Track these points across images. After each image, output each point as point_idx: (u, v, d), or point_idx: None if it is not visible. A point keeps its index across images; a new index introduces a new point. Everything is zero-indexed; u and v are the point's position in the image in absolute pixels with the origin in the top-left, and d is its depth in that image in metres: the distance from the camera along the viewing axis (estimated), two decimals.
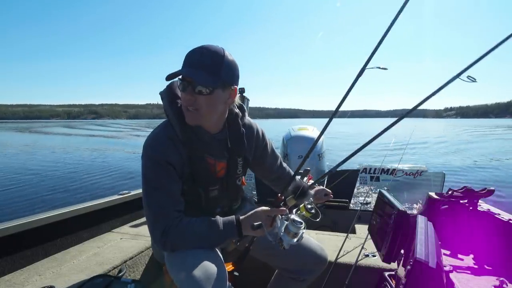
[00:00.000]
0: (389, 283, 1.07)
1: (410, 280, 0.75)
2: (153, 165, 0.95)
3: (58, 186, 7.40)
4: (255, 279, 1.49)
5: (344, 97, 1.07)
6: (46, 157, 13.13)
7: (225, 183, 1.10)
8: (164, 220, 0.93)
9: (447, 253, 1.61)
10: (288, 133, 3.20)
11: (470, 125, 61.05)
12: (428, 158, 12.69)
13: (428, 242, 0.81)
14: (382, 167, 3.37)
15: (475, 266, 1.44)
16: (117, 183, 7.85)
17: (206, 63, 0.90)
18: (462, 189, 1.86)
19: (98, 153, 14.66)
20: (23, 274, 1.29)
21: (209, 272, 0.86)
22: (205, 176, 1.04)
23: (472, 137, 26.29)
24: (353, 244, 1.64)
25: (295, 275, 1.25)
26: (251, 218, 0.96)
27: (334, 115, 1.09)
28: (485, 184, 1.95)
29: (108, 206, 1.90)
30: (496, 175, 8.95)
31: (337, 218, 2.65)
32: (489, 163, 11.41)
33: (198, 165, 1.01)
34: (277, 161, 1.30)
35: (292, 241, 0.93)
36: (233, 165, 1.10)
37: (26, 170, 9.56)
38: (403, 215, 0.97)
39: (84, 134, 32.53)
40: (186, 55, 0.93)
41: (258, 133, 1.19)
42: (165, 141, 0.97)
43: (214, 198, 1.09)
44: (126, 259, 1.47)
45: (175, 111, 0.98)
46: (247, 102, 2.78)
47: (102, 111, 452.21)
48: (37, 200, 6.21)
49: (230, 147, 1.08)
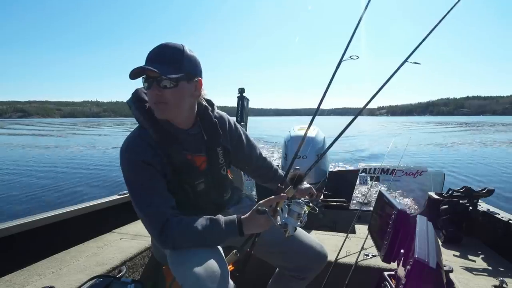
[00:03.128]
0: (389, 283, 1.07)
1: (410, 280, 0.75)
2: (133, 168, 0.96)
3: (56, 187, 7.40)
4: (255, 278, 1.49)
5: (323, 95, 1.22)
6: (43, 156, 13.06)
7: (209, 175, 1.11)
8: (158, 218, 0.93)
9: (447, 253, 1.61)
10: (288, 133, 3.20)
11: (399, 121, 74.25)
12: (428, 158, 12.71)
13: (428, 242, 0.81)
14: (382, 167, 3.37)
15: (475, 266, 1.44)
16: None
17: (168, 57, 0.93)
18: (462, 189, 1.86)
19: None
20: (23, 274, 1.29)
21: (211, 271, 0.86)
22: (188, 172, 1.05)
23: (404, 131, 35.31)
24: (353, 244, 1.64)
25: (295, 273, 1.25)
26: (253, 217, 0.96)
27: (316, 113, 1.22)
28: (485, 184, 1.95)
29: (108, 206, 1.90)
30: (496, 175, 8.96)
31: (337, 218, 2.65)
32: (490, 163, 11.42)
33: (178, 162, 1.02)
34: (256, 151, 1.33)
35: (297, 223, 0.93)
36: (213, 156, 1.11)
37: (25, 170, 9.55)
38: (403, 215, 0.97)
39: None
40: (148, 54, 0.95)
41: (230, 123, 1.22)
42: (140, 143, 0.98)
43: (202, 192, 1.09)
44: (126, 259, 1.47)
45: (145, 114, 1.00)
46: (247, 102, 2.78)
47: (30, 109, 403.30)
48: (37, 200, 6.21)
49: (207, 139, 1.09)
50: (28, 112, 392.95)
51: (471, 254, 1.57)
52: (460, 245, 1.70)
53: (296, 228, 0.96)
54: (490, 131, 30.98)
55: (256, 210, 0.94)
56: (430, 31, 1.19)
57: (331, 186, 3.03)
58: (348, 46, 1.22)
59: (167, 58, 0.93)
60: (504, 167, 10.15)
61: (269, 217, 0.93)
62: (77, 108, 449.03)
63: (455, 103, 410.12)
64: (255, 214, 0.95)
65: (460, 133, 30.01)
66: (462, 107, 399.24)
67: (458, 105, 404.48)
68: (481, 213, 1.79)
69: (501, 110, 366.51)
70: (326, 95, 1.24)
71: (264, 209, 0.93)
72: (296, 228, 0.95)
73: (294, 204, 0.94)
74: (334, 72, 1.25)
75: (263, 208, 0.93)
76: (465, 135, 27.04)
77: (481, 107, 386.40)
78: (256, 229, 0.98)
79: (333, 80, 1.24)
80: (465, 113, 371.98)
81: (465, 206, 1.78)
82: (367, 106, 1.23)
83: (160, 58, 0.92)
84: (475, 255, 1.56)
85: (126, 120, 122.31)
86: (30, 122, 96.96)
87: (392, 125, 54.00)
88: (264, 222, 0.95)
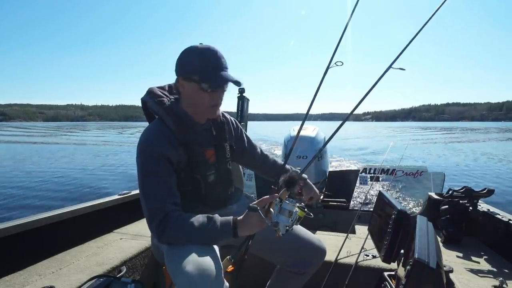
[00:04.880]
0: (389, 283, 1.07)
1: (410, 280, 0.75)
2: (149, 159, 1.01)
3: (57, 187, 7.39)
4: (255, 276, 1.49)
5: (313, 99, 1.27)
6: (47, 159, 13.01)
7: (218, 167, 1.18)
8: (160, 211, 0.96)
9: (447, 253, 1.61)
10: (288, 134, 3.19)
11: (383, 126, 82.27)
12: (428, 158, 12.72)
13: (428, 242, 0.81)
14: (382, 167, 3.36)
15: (475, 266, 1.44)
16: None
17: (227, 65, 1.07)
18: (462, 189, 1.86)
19: None
20: (23, 274, 1.29)
21: (205, 271, 0.86)
22: (201, 163, 1.12)
23: (391, 135, 38.20)
24: (353, 244, 1.64)
25: (294, 269, 1.25)
26: (247, 217, 0.97)
27: (305, 118, 1.25)
28: (485, 184, 1.96)
29: (108, 206, 1.90)
30: (496, 175, 8.96)
31: (337, 218, 2.65)
32: (489, 163, 11.43)
33: (193, 153, 1.09)
34: (257, 149, 1.41)
35: (288, 221, 0.94)
36: (221, 150, 1.20)
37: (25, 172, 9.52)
38: (403, 215, 0.97)
39: None
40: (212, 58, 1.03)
41: (233, 123, 1.32)
42: (159, 136, 1.04)
43: (212, 183, 1.15)
44: (126, 259, 1.47)
45: (165, 108, 1.08)
46: (247, 103, 2.78)
47: (11, 112, 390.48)
48: (38, 200, 6.21)
49: (216, 135, 1.19)
50: (9, 115, 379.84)
51: (471, 254, 1.57)
52: (460, 245, 1.70)
53: (288, 228, 0.95)
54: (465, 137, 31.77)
55: (248, 208, 0.94)
56: (412, 38, 1.23)
57: (331, 186, 3.02)
58: (334, 53, 1.27)
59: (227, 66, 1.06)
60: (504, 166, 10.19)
61: (261, 217, 0.93)
62: (60, 111, 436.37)
63: (436, 109, 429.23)
64: (248, 213, 0.95)
65: (441, 136, 31.77)
66: (443, 113, 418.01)
67: (439, 111, 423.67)
68: (481, 213, 1.79)
69: (479, 116, 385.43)
70: (314, 101, 1.29)
71: (256, 207, 0.93)
72: (288, 227, 0.95)
73: (285, 203, 0.95)
74: (322, 79, 1.30)
75: (254, 206, 0.93)
76: (443, 138, 28.49)
77: (460, 113, 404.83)
78: (249, 229, 0.97)
79: (321, 86, 1.30)
80: (445, 119, 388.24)
81: (465, 206, 1.78)
82: (354, 112, 1.26)
83: (226, 65, 1.06)
84: (475, 255, 1.56)
85: (113, 124, 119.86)
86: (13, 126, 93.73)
87: (378, 130, 57.20)
88: (256, 222, 0.95)
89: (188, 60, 1.03)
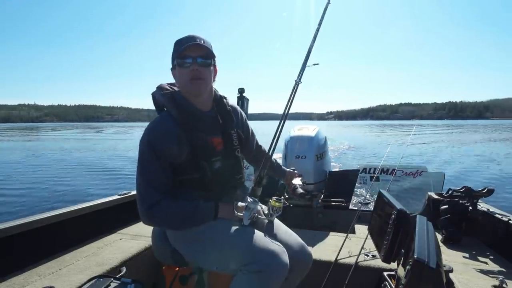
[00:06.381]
0: (389, 283, 1.07)
1: (410, 280, 0.75)
2: (148, 148, 1.07)
3: (56, 187, 7.36)
4: None
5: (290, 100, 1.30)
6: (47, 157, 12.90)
7: (225, 154, 1.19)
8: (152, 196, 1.06)
9: (447, 253, 1.61)
10: (288, 134, 3.19)
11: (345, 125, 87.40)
12: (428, 158, 12.73)
13: (428, 242, 0.81)
14: (382, 167, 3.36)
15: (474, 266, 1.44)
16: None
17: (204, 41, 1.09)
18: (462, 189, 1.86)
19: None
20: (23, 274, 1.29)
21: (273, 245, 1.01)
22: (205, 148, 1.14)
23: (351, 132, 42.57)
24: (353, 244, 1.64)
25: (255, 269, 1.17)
26: (226, 206, 1.12)
27: (285, 118, 1.27)
28: (485, 184, 1.96)
29: (108, 206, 1.90)
30: (496, 175, 8.96)
31: (337, 218, 2.64)
32: (489, 163, 11.43)
33: (196, 140, 1.12)
34: (255, 141, 1.47)
35: (248, 216, 1.06)
36: (228, 138, 1.21)
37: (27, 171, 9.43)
38: (403, 215, 0.97)
39: None
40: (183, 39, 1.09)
41: (242, 115, 1.36)
42: (161, 127, 1.10)
43: (219, 170, 1.15)
44: (126, 259, 1.47)
45: (168, 97, 1.14)
46: (247, 102, 2.78)
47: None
48: (38, 199, 6.19)
49: (222, 123, 1.21)
50: None
51: (471, 254, 1.57)
52: (460, 245, 1.70)
53: (250, 222, 1.07)
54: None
55: (234, 204, 1.09)
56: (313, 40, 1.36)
57: (330, 186, 3.02)
58: (308, 54, 1.34)
59: (203, 41, 1.09)
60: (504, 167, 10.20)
61: (234, 209, 1.08)
62: (11, 112, 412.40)
63: (391, 109, 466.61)
64: (228, 203, 1.11)
65: (441, 136, 32.35)
66: (396, 112, 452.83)
67: (393, 111, 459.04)
68: (481, 213, 1.79)
69: (427, 115, 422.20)
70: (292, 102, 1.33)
71: (236, 202, 1.09)
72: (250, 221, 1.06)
73: (249, 202, 1.06)
74: (296, 87, 1.35)
75: (236, 202, 1.09)
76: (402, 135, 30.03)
77: (411, 113, 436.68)
78: (223, 215, 1.11)
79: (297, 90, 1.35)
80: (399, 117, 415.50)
81: (465, 206, 1.78)
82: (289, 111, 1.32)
83: (200, 40, 1.08)
84: (475, 255, 1.56)
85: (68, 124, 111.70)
86: None
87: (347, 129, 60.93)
88: (228, 211, 1.09)
89: (172, 52, 1.13)
